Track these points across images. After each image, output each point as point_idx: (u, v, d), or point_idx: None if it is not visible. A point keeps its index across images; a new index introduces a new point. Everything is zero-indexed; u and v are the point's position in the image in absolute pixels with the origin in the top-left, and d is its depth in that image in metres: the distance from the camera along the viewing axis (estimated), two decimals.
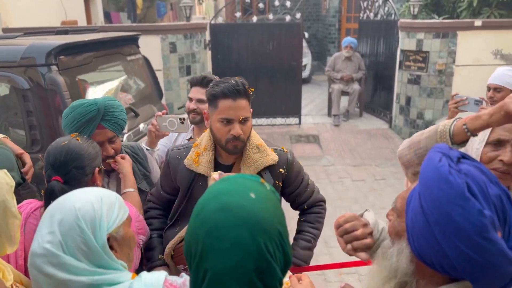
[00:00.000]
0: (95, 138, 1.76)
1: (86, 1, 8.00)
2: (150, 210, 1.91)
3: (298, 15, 6.82)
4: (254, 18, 7.08)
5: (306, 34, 10.47)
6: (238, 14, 7.40)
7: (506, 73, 2.57)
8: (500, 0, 6.61)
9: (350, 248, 1.12)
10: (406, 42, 6.31)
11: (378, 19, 7.41)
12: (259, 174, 1.71)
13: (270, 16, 7.15)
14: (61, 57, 2.84)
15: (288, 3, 6.86)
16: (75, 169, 1.53)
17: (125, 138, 3.18)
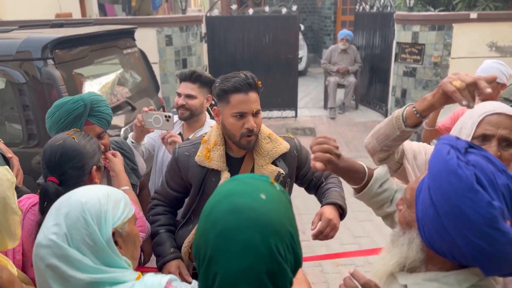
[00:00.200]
0: None
1: None
2: (156, 207, 1.89)
3: (294, 7, 6.80)
4: (250, 11, 7.05)
5: (302, 27, 10.43)
6: (234, 7, 7.36)
7: (493, 65, 2.57)
8: None
9: (311, 158, 1.23)
10: (402, 35, 6.31)
11: (374, 12, 7.40)
12: (274, 163, 1.72)
13: (266, 8, 7.12)
14: (57, 50, 2.81)
15: None
16: (71, 169, 1.50)
17: (122, 132, 3.17)
